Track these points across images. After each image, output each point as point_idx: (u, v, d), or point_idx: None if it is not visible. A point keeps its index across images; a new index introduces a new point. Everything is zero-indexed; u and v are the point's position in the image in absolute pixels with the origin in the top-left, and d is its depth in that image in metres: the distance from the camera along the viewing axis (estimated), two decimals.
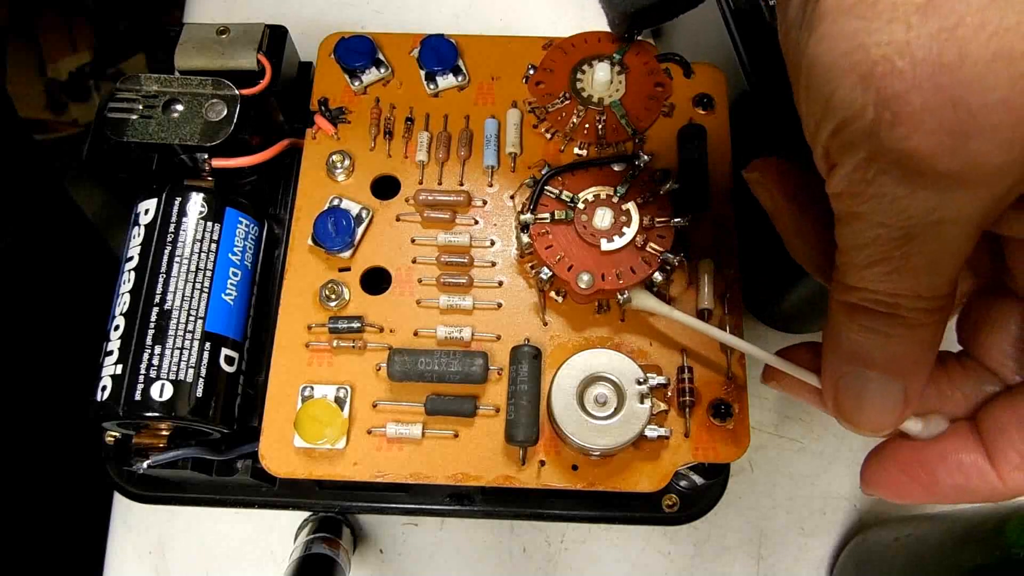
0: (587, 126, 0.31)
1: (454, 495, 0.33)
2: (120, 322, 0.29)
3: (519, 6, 0.49)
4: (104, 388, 0.28)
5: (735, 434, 0.29)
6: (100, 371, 0.29)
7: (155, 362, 0.28)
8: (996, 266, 0.21)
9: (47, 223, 0.63)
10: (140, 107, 0.31)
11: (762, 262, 0.33)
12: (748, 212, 0.30)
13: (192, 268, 0.30)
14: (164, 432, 0.30)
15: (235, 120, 0.31)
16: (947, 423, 0.21)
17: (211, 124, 0.31)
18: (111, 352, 0.29)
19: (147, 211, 0.30)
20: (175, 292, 0.29)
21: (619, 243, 0.28)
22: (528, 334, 0.30)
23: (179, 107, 0.31)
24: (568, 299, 0.30)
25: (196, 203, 0.30)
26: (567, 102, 0.32)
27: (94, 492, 0.41)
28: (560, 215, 0.29)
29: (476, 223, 0.32)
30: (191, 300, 0.29)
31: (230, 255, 0.31)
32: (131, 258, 0.30)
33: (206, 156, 0.31)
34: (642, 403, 0.27)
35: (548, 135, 0.32)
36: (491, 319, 0.30)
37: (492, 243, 0.31)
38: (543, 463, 0.29)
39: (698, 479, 0.33)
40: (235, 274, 0.31)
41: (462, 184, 0.32)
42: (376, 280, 0.31)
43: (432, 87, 0.34)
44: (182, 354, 0.29)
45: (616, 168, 0.30)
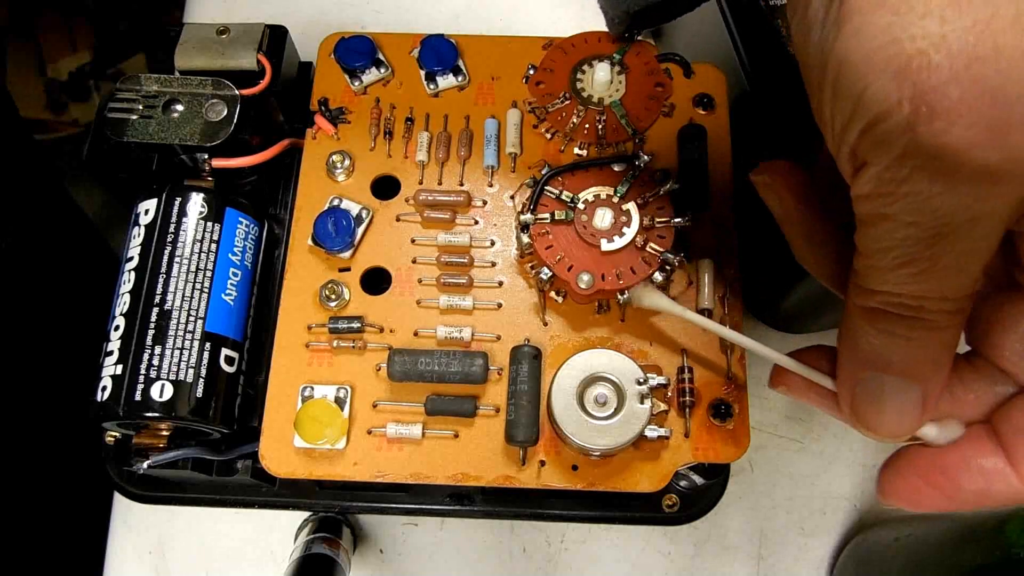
0: (587, 126, 0.31)
1: (454, 495, 0.33)
2: (120, 322, 0.29)
3: (519, 6, 0.49)
4: (104, 388, 0.28)
5: (735, 434, 0.29)
6: (100, 371, 0.29)
7: (155, 362, 0.28)
8: (1007, 265, 0.21)
9: (47, 223, 0.63)
10: (140, 107, 0.31)
11: (762, 262, 0.33)
12: (748, 212, 0.30)
13: (192, 268, 0.30)
14: (164, 432, 0.30)
15: (235, 120, 0.31)
16: (963, 428, 0.21)
17: (211, 124, 0.31)
18: (111, 352, 0.29)
19: (147, 211, 0.30)
20: (175, 292, 0.29)
21: (619, 243, 0.28)
22: (528, 334, 0.30)
23: (179, 107, 0.31)
24: (568, 299, 0.30)
25: (196, 203, 0.30)
26: (567, 102, 0.32)
27: (94, 492, 0.41)
28: (560, 215, 0.29)
29: (476, 223, 0.32)
30: (191, 300, 0.29)
31: (230, 255, 0.31)
32: (131, 258, 0.30)
33: (206, 156, 0.31)
34: (642, 403, 0.27)
35: (548, 135, 0.32)
36: (491, 319, 0.30)
37: (492, 243, 0.31)
38: (543, 463, 0.29)
39: (698, 479, 0.33)
40: (235, 274, 0.31)
41: (462, 184, 0.32)
42: (376, 280, 0.31)
43: (432, 87, 0.34)
44: (182, 354, 0.29)
45: (616, 168, 0.30)
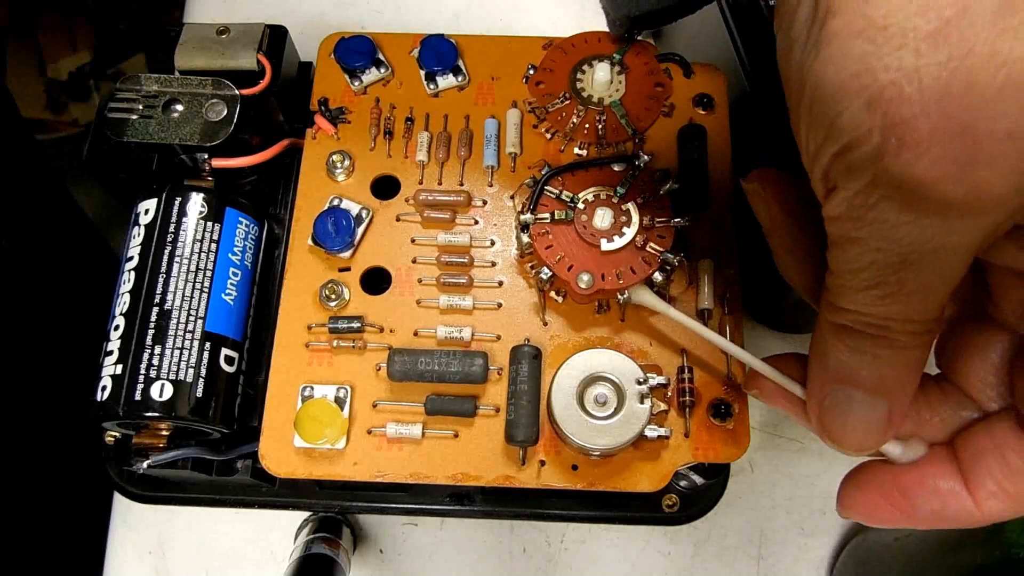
0: (587, 126, 0.31)
1: (454, 495, 0.33)
2: (120, 322, 0.29)
3: (519, 6, 0.49)
4: (104, 388, 0.28)
5: (735, 434, 0.29)
6: (100, 371, 0.29)
7: (155, 362, 0.28)
8: (978, 293, 0.21)
9: (47, 223, 0.63)
10: (140, 107, 0.31)
11: (762, 262, 0.33)
12: (748, 212, 0.30)
13: (192, 268, 0.30)
14: (164, 432, 0.30)
15: (235, 120, 0.31)
16: (926, 448, 0.21)
17: (211, 124, 0.31)
18: (111, 352, 0.29)
19: (147, 211, 0.30)
20: (175, 292, 0.29)
21: (619, 243, 0.28)
22: (528, 334, 0.30)
23: (179, 107, 0.31)
24: (568, 299, 0.30)
25: (196, 203, 0.30)
26: (567, 102, 0.32)
27: (94, 492, 0.41)
28: (560, 215, 0.29)
29: (476, 223, 0.32)
30: (191, 300, 0.29)
31: (230, 255, 0.31)
32: (131, 258, 0.30)
33: (206, 156, 0.31)
34: (642, 403, 0.27)
35: (548, 135, 0.32)
36: (491, 319, 0.30)
37: (492, 243, 0.31)
38: (543, 463, 0.29)
39: (698, 479, 0.33)
40: (235, 274, 0.31)
41: (462, 184, 0.32)
42: (376, 280, 0.31)
43: (432, 87, 0.34)
44: (182, 354, 0.29)
45: (616, 168, 0.30)
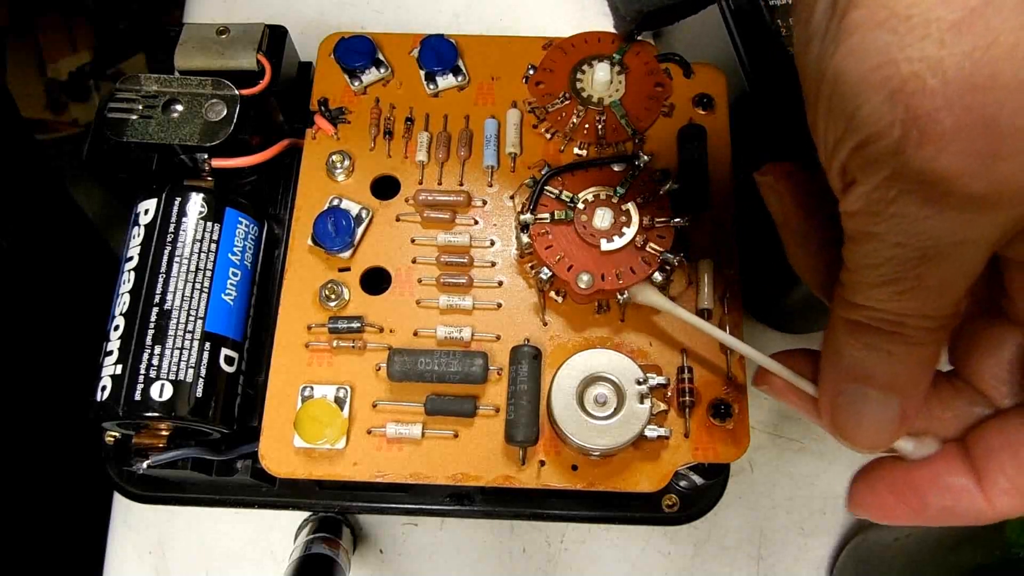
0: (587, 126, 0.31)
1: (454, 495, 0.33)
2: (120, 322, 0.29)
3: (519, 6, 0.49)
4: (104, 388, 0.28)
5: (735, 434, 0.29)
6: (100, 371, 0.29)
7: (155, 362, 0.28)
8: (992, 289, 0.21)
9: (47, 223, 0.63)
10: (140, 107, 0.31)
11: (763, 262, 0.33)
12: (749, 212, 0.30)
13: (192, 268, 0.30)
14: (164, 432, 0.30)
15: (235, 120, 0.31)
16: (938, 444, 0.21)
17: (211, 124, 0.31)
18: (111, 352, 0.29)
19: (147, 211, 0.30)
20: (175, 292, 0.29)
21: (619, 243, 0.28)
22: (528, 334, 0.30)
23: (179, 107, 0.31)
24: (568, 299, 0.30)
25: (196, 203, 0.30)
26: (567, 102, 0.32)
27: (94, 492, 0.41)
28: (560, 215, 0.29)
29: (476, 223, 0.32)
30: (191, 300, 0.29)
31: (230, 255, 0.31)
32: (131, 258, 0.30)
33: (206, 156, 0.31)
34: (642, 403, 0.27)
35: (548, 135, 0.32)
36: (491, 319, 0.30)
37: (492, 243, 0.31)
38: (543, 463, 0.29)
39: (698, 479, 0.33)
40: (235, 274, 0.31)
41: (462, 184, 0.32)
42: (376, 280, 0.31)
43: (432, 87, 0.34)
44: (182, 354, 0.29)
45: (616, 168, 0.30)
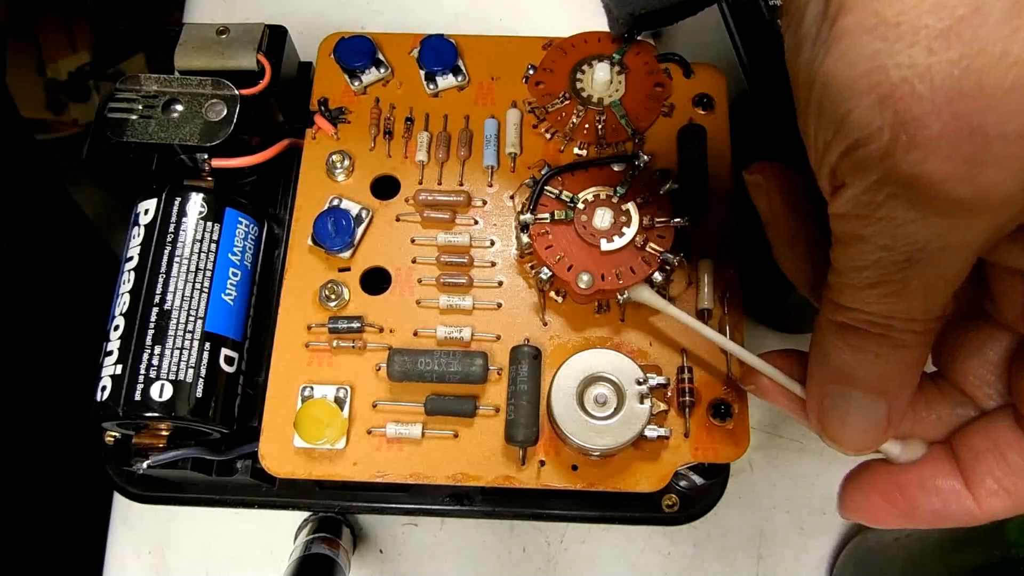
0: (587, 126, 0.31)
1: (454, 495, 0.33)
2: (120, 322, 0.29)
3: (519, 6, 0.49)
4: (104, 388, 0.28)
5: (735, 434, 0.29)
6: (100, 371, 0.29)
7: (155, 362, 0.28)
8: (976, 292, 0.21)
9: (47, 223, 0.63)
10: (140, 107, 0.31)
11: (762, 262, 0.33)
12: (749, 212, 0.30)
13: (192, 268, 0.30)
14: (164, 432, 0.30)
15: (235, 120, 0.31)
16: (925, 448, 0.22)
17: (211, 124, 0.31)
18: (111, 352, 0.29)
19: (147, 211, 0.30)
20: (175, 292, 0.29)
21: (619, 243, 0.28)
22: (528, 334, 0.30)
23: (179, 107, 0.31)
24: (568, 299, 0.30)
25: (196, 203, 0.30)
26: (567, 102, 0.32)
27: (94, 492, 0.41)
28: (560, 215, 0.29)
29: (476, 223, 0.32)
30: (191, 300, 0.29)
31: (230, 255, 0.31)
32: (131, 258, 0.30)
33: (206, 156, 0.31)
34: (642, 403, 0.27)
35: (548, 135, 0.32)
36: (491, 319, 0.30)
37: (492, 243, 0.31)
38: (543, 463, 0.29)
39: (698, 479, 0.33)
40: (235, 274, 0.31)
41: (462, 184, 0.32)
42: (376, 280, 0.31)
43: (432, 87, 0.34)
44: (182, 354, 0.29)
45: (616, 168, 0.30)
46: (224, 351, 0.30)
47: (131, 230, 0.31)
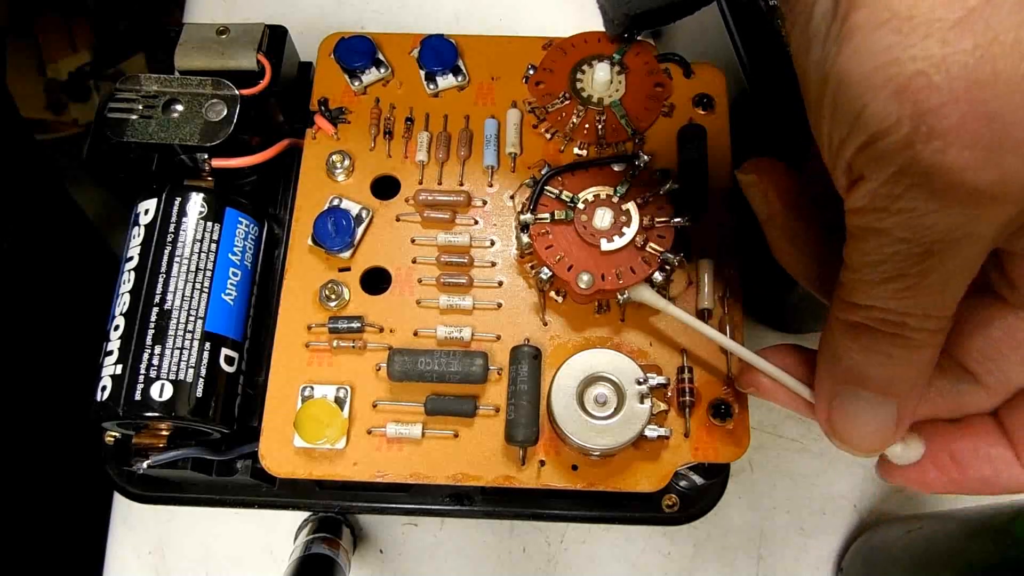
0: (587, 126, 0.31)
1: (454, 495, 0.33)
2: (120, 322, 0.29)
3: (519, 6, 0.49)
4: (104, 388, 0.28)
5: (735, 434, 0.29)
6: (100, 371, 0.29)
7: (155, 362, 0.28)
8: (984, 269, 0.21)
9: (47, 223, 0.63)
10: (140, 107, 0.31)
11: (762, 262, 0.33)
12: (749, 211, 0.30)
13: (192, 268, 0.30)
14: (164, 432, 0.30)
15: (235, 120, 0.31)
16: (924, 447, 0.22)
17: (211, 124, 0.31)
18: (111, 352, 0.29)
19: (147, 211, 0.30)
20: (175, 292, 0.29)
21: (619, 243, 0.28)
22: (528, 334, 0.30)
23: (179, 107, 0.31)
24: (568, 299, 0.30)
25: (196, 203, 0.30)
26: (567, 102, 0.32)
27: (94, 492, 0.41)
28: (560, 215, 0.29)
29: (476, 223, 0.32)
30: (191, 300, 0.29)
31: (230, 255, 0.31)
32: (131, 258, 0.30)
33: (206, 156, 0.31)
34: (642, 403, 0.27)
35: (548, 135, 0.32)
36: (491, 319, 0.30)
37: (492, 243, 0.31)
38: (543, 463, 0.29)
39: (698, 479, 0.33)
40: (235, 274, 0.31)
41: (462, 184, 0.32)
42: (376, 280, 0.31)
43: (432, 87, 0.34)
44: (182, 354, 0.29)
45: (616, 168, 0.30)
46: (224, 351, 0.30)
47: (131, 230, 0.31)
